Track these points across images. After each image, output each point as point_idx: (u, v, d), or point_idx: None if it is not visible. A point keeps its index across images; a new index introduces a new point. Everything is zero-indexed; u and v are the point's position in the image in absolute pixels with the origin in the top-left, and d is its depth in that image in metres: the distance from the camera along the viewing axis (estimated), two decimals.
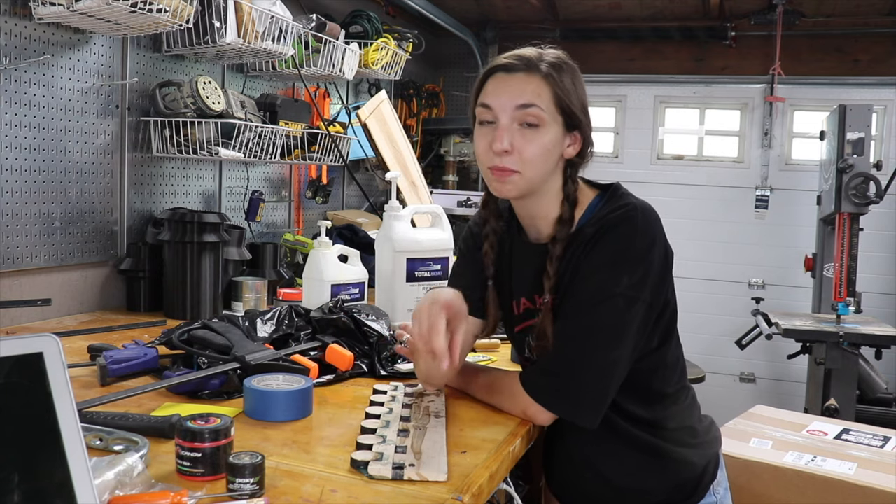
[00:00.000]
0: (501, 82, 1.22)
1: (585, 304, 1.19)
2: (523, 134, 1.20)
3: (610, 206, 1.23)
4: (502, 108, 1.21)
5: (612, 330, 1.18)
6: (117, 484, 0.86)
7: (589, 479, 1.32)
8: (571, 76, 1.22)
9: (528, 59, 1.21)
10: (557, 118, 1.21)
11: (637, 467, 1.28)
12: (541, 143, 1.20)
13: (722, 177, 4.41)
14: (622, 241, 1.18)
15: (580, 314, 1.20)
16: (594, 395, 1.20)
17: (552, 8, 4.26)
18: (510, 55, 1.23)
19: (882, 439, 2.10)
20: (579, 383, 1.19)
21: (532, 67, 1.20)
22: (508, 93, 1.21)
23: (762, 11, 4.05)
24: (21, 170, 1.84)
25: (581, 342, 1.19)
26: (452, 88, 4.58)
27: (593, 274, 1.19)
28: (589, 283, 1.20)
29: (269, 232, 2.85)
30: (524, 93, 1.19)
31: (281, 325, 1.58)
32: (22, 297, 1.85)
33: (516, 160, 1.20)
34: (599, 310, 1.18)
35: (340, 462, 1.05)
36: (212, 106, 2.13)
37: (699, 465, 1.30)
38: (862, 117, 3.49)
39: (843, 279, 3.48)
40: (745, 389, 4.38)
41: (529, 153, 1.20)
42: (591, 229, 1.21)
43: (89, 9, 1.70)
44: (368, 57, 2.91)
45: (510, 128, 1.20)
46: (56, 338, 0.77)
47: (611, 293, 1.17)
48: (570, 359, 1.20)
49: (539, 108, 1.19)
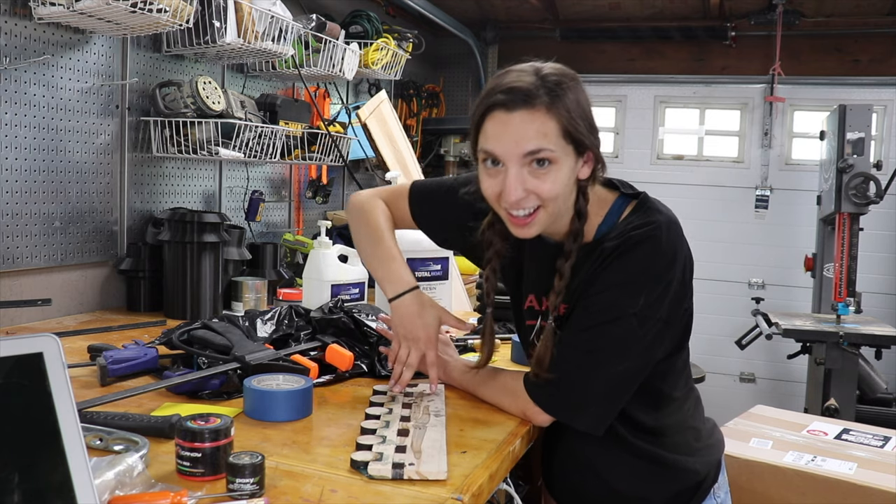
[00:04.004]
0: (502, 125, 1.12)
1: (597, 318, 1.17)
2: (535, 174, 1.13)
3: (636, 220, 1.19)
4: (508, 155, 1.13)
5: (621, 344, 1.16)
6: (117, 484, 0.86)
7: (589, 482, 1.31)
8: (574, 94, 1.13)
9: (526, 92, 1.10)
10: (567, 148, 1.13)
11: (638, 474, 1.28)
12: (556, 179, 1.13)
13: (722, 177, 4.41)
14: (643, 262, 1.15)
15: (590, 328, 1.18)
16: (597, 402, 1.20)
17: (552, 8, 4.26)
18: (506, 87, 1.12)
19: (882, 439, 2.10)
20: (583, 389, 1.19)
21: (532, 100, 1.10)
22: (512, 138, 1.11)
23: (762, 11, 4.05)
24: (21, 170, 1.84)
25: (587, 351, 1.18)
26: (452, 88, 4.58)
27: (609, 290, 1.17)
28: (603, 298, 1.17)
29: (269, 232, 2.85)
30: (529, 137, 1.10)
31: (281, 325, 1.58)
32: (22, 297, 1.85)
33: (534, 200, 1.14)
34: (610, 327, 1.16)
35: (340, 462, 1.05)
36: (212, 106, 2.13)
37: (701, 473, 1.30)
38: (862, 117, 3.49)
39: (843, 279, 3.48)
40: (745, 389, 4.38)
41: (547, 191, 1.13)
42: (611, 243, 1.17)
43: (89, 9, 1.70)
44: (368, 57, 2.91)
45: (520, 174, 1.13)
46: (56, 338, 0.77)
47: (624, 312, 1.15)
48: (575, 364, 1.19)
49: (548, 149, 1.11)
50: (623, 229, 1.18)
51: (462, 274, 3.07)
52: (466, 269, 3.24)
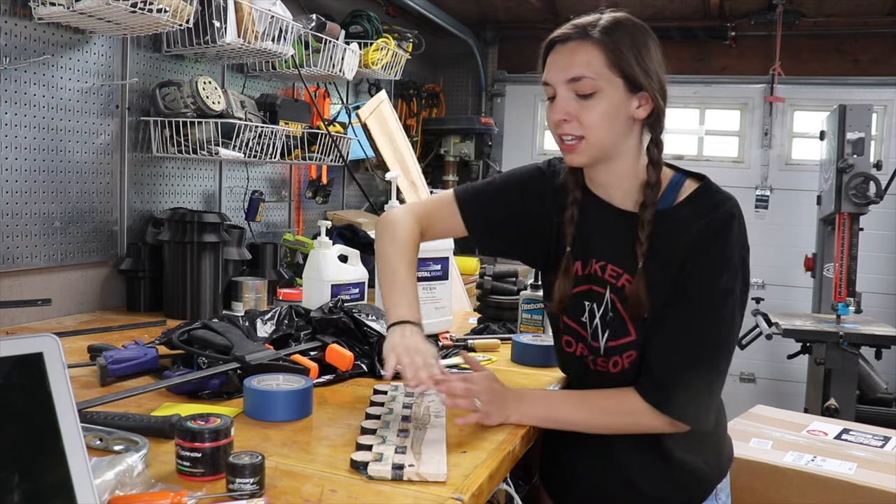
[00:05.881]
0: (556, 55, 1.22)
1: (707, 304, 1.19)
2: (580, 103, 1.19)
3: (713, 197, 1.22)
4: (556, 82, 1.21)
5: (731, 332, 1.20)
6: (117, 484, 0.86)
7: (612, 483, 1.31)
8: (631, 38, 1.19)
9: (582, 27, 1.20)
10: (615, 81, 1.18)
11: (665, 475, 1.28)
12: (599, 110, 1.18)
13: (722, 177, 4.33)
14: (735, 240, 1.19)
15: (702, 317, 1.19)
16: (714, 398, 1.23)
17: (552, 8, 4.26)
18: (569, 24, 1.22)
19: (882, 439, 2.10)
20: (709, 391, 1.22)
21: (584, 34, 1.19)
22: (560, 66, 1.21)
23: (762, 11, 4.05)
24: (21, 170, 1.84)
25: (702, 347, 1.19)
26: (452, 88, 4.58)
27: (716, 274, 1.18)
28: (710, 284, 1.18)
29: (269, 232, 2.85)
30: (573, 65, 1.19)
31: (281, 325, 1.58)
32: (22, 297, 1.85)
33: (576, 126, 1.20)
34: (722, 312, 1.19)
35: (340, 462, 1.05)
36: (212, 106, 2.13)
37: (721, 474, 1.32)
38: (862, 117, 3.49)
39: (843, 279, 3.48)
40: (745, 389, 4.38)
41: (589, 119, 1.19)
42: (687, 211, 1.21)
43: (89, 9, 1.70)
44: (368, 57, 2.91)
45: (567, 98, 1.20)
46: (56, 338, 0.77)
47: (731, 292, 1.18)
48: (694, 364, 1.20)
49: (589, 77, 1.18)
50: (703, 204, 1.21)
51: (462, 274, 3.08)
52: (466, 269, 3.24)
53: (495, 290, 2.07)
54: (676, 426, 1.21)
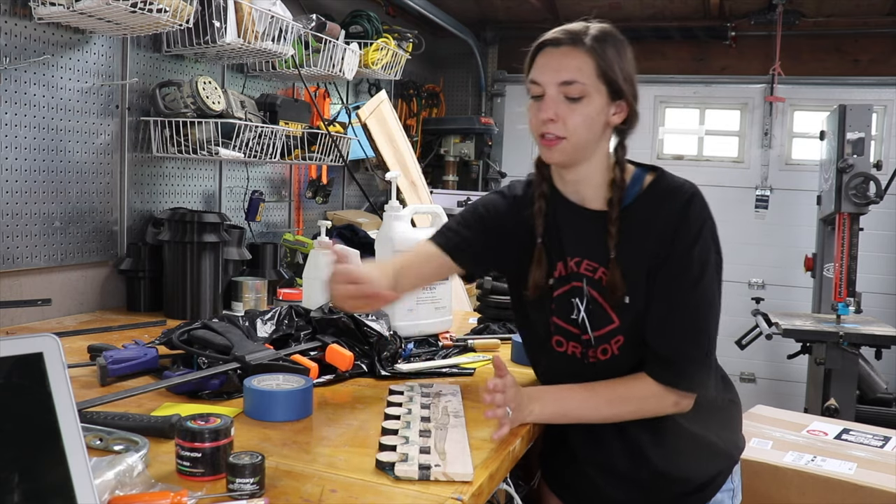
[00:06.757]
0: (548, 57, 1.28)
1: (688, 277, 1.26)
2: (568, 105, 1.26)
3: (670, 183, 1.31)
4: (547, 83, 1.27)
5: (713, 295, 1.28)
6: (117, 484, 0.86)
7: (635, 465, 1.32)
8: (616, 48, 1.28)
9: (574, 33, 1.27)
10: (601, 88, 1.26)
11: (686, 454, 1.32)
12: (584, 113, 1.26)
13: (722, 177, 4.40)
14: (701, 212, 1.27)
15: (687, 288, 1.26)
16: (712, 361, 1.31)
17: (552, 8, 4.26)
18: (559, 29, 1.30)
19: (882, 439, 2.10)
20: (708, 358, 1.29)
21: (577, 41, 1.26)
22: (553, 68, 1.27)
23: (762, 11, 4.05)
24: (21, 170, 1.84)
25: (696, 319, 1.26)
26: (452, 88, 4.58)
27: (689, 248, 1.26)
28: (686, 257, 1.26)
29: (269, 232, 2.85)
30: (567, 69, 1.25)
31: (281, 325, 1.58)
32: (22, 297, 1.85)
33: (561, 127, 1.26)
34: (704, 281, 1.26)
35: (340, 462, 1.06)
36: (212, 106, 2.13)
37: (733, 452, 1.40)
38: (862, 117, 3.49)
39: (843, 279, 3.48)
40: (745, 389, 4.37)
41: (573, 122, 1.26)
42: (650, 200, 1.29)
43: (89, 9, 1.70)
44: (368, 57, 2.91)
45: (556, 99, 1.26)
46: (56, 338, 0.77)
47: (708, 261, 1.27)
48: (693, 336, 1.26)
49: (580, 83, 1.25)
50: (661, 189, 1.30)
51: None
52: None
53: (495, 290, 2.07)
54: (679, 406, 1.27)
